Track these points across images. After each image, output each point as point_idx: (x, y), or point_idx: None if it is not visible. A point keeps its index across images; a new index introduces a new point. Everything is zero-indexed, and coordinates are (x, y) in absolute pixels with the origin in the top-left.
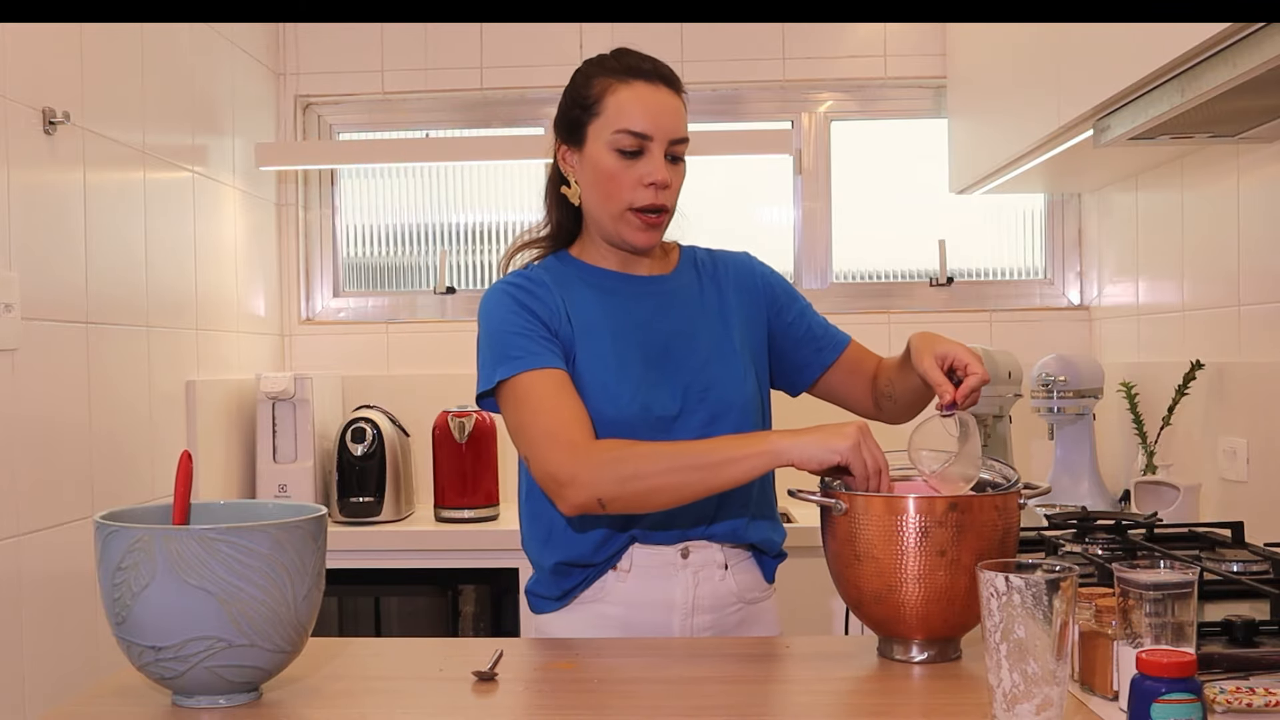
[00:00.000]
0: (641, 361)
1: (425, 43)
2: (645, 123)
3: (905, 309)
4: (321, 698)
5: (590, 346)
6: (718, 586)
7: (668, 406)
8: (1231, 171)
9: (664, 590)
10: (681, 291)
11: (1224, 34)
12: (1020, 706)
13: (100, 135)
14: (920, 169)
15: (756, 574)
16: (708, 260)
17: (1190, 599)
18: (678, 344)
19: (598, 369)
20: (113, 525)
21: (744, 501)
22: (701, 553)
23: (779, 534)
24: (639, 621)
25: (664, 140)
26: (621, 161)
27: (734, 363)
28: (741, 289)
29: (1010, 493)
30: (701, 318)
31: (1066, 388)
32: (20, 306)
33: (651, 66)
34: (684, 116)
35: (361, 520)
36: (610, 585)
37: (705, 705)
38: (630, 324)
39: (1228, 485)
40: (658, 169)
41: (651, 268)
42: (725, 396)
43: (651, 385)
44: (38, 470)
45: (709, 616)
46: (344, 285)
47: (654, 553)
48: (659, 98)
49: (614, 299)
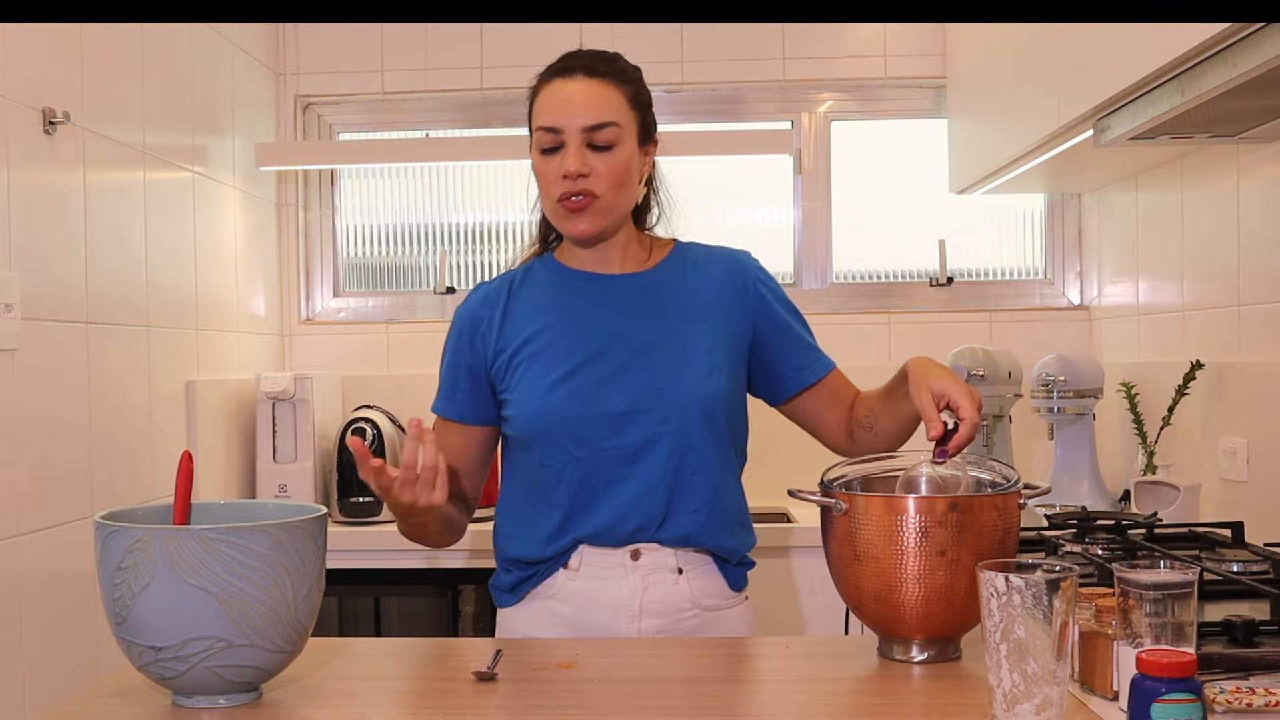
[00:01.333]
0: (594, 359)
1: (425, 43)
2: (553, 117)
3: (905, 309)
4: (321, 698)
5: (537, 349)
6: (670, 590)
7: (617, 403)
8: (1231, 171)
9: (611, 591)
10: (654, 288)
11: (1224, 34)
12: (1020, 706)
13: (100, 135)
14: (920, 169)
15: (718, 580)
16: (700, 257)
17: (1190, 599)
18: (637, 342)
19: (543, 370)
20: (113, 525)
21: (697, 505)
22: (652, 555)
23: (744, 540)
24: (587, 621)
25: (575, 130)
26: (544, 158)
27: (697, 362)
28: (730, 287)
29: (1010, 493)
30: (670, 315)
31: (1066, 388)
32: (20, 306)
33: (571, 62)
34: (608, 102)
35: (361, 520)
36: (560, 583)
37: (705, 705)
38: (587, 323)
39: (1228, 485)
40: (568, 159)
41: (625, 265)
42: (682, 395)
43: (602, 382)
44: (38, 470)
45: (659, 621)
46: (344, 285)
47: (604, 553)
48: (571, 89)
49: (574, 298)
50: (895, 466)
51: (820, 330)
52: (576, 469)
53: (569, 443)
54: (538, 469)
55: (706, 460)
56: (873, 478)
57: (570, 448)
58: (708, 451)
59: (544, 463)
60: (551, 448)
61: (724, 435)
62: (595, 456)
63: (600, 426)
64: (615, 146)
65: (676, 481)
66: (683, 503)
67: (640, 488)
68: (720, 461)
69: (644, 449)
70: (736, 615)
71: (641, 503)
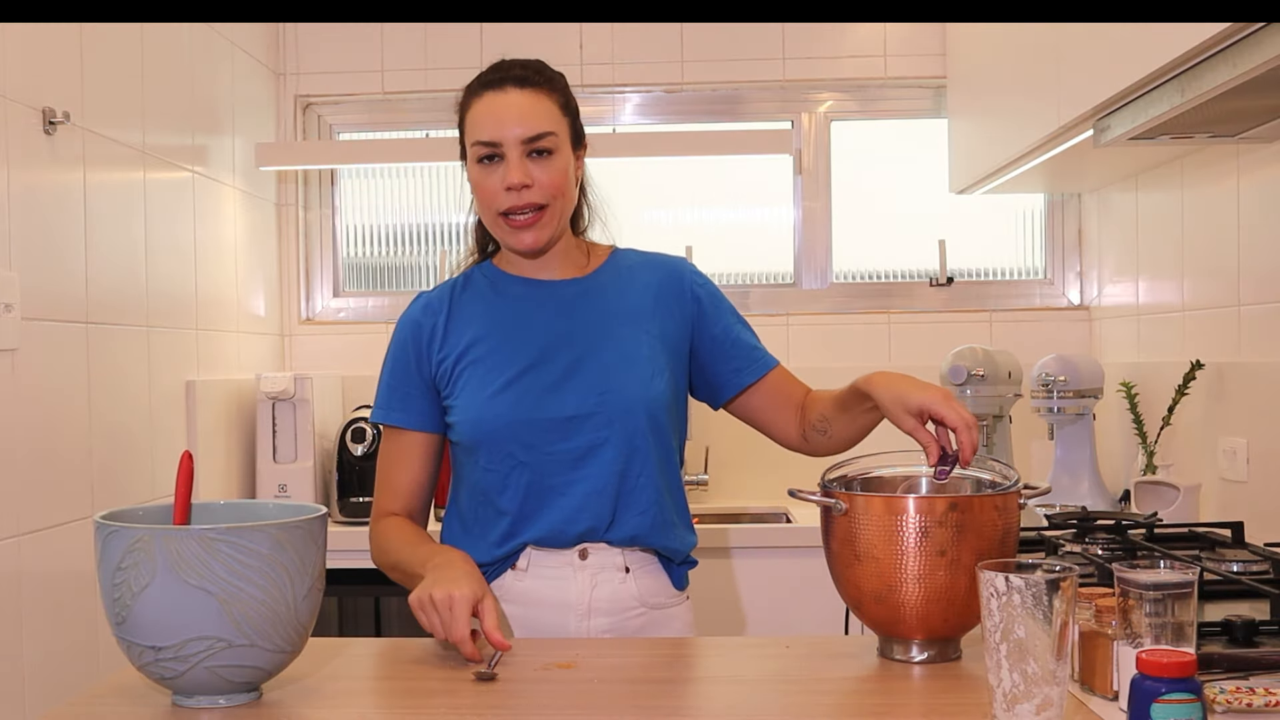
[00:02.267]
0: (537, 365)
1: (425, 43)
2: (490, 130)
3: (905, 309)
4: (321, 698)
5: (480, 355)
6: (618, 589)
7: (563, 408)
8: (1231, 171)
9: (560, 590)
10: (595, 293)
11: (1224, 34)
12: (1020, 706)
13: (100, 135)
14: (920, 169)
15: (663, 579)
16: (635, 264)
17: (1190, 599)
18: (580, 346)
19: (486, 376)
20: (113, 525)
21: (644, 507)
22: (600, 555)
23: (687, 542)
24: (536, 621)
25: (515, 142)
26: (483, 170)
27: (639, 366)
28: (665, 292)
29: (1010, 493)
30: (610, 320)
31: (1066, 388)
32: (20, 306)
33: (502, 74)
34: (543, 112)
35: (361, 520)
36: (509, 584)
37: (705, 705)
38: (529, 328)
39: (1228, 485)
40: (511, 172)
41: (564, 271)
42: (625, 399)
43: (547, 388)
44: (38, 470)
45: (607, 619)
46: (344, 285)
47: (552, 553)
48: (505, 102)
49: (516, 304)
50: (896, 465)
51: (820, 330)
52: (523, 473)
53: (515, 448)
54: (483, 474)
55: (650, 462)
56: (873, 478)
57: (516, 452)
58: (651, 453)
59: (489, 468)
60: (497, 453)
61: (667, 437)
62: (542, 461)
63: (546, 431)
64: (554, 154)
65: (623, 484)
66: (630, 505)
67: (587, 490)
68: (664, 463)
69: (590, 453)
70: (680, 614)
71: (589, 506)
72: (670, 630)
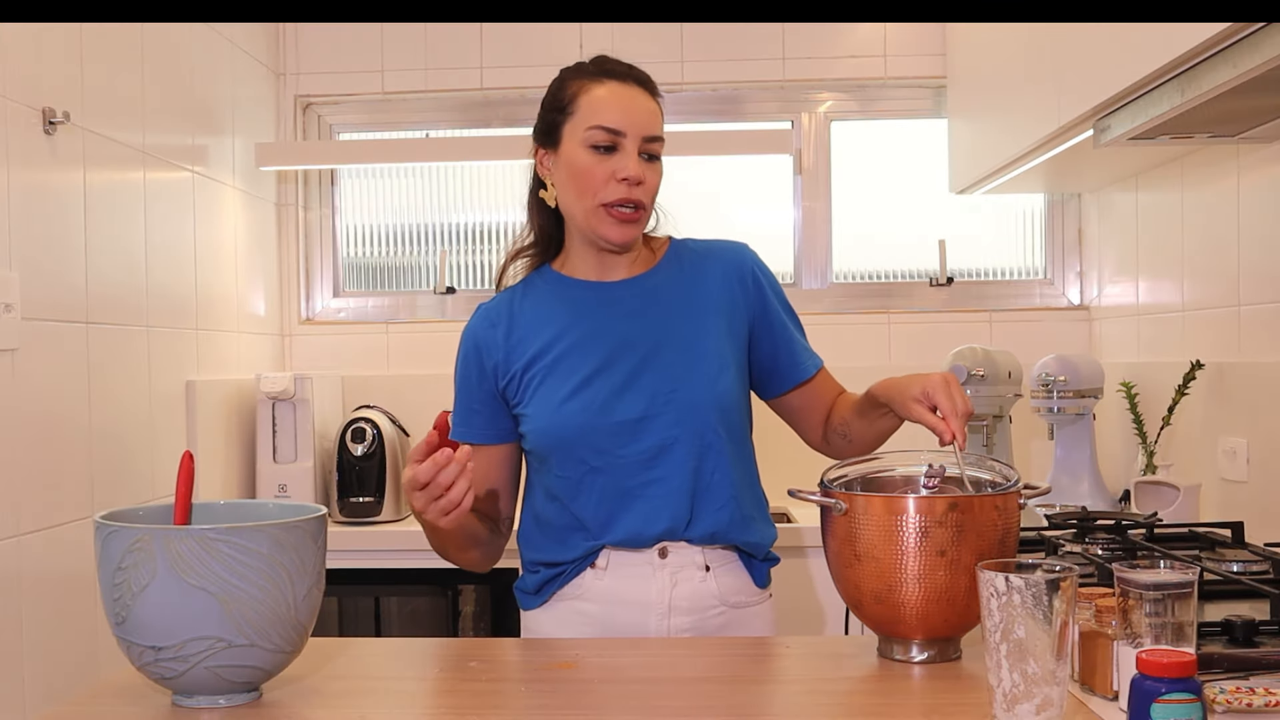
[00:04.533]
0: (605, 369)
1: (425, 43)
2: (618, 118)
3: (905, 309)
4: (321, 698)
5: (547, 364)
6: (698, 588)
7: (630, 410)
8: (1231, 171)
9: (640, 589)
10: (659, 290)
11: (1224, 34)
12: (1020, 706)
13: (100, 135)
14: (920, 169)
15: (744, 577)
16: (697, 253)
17: (1190, 599)
18: (645, 346)
19: (554, 384)
20: (113, 525)
21: (722, 503)
22: (680, 553)
23: (768, 536)
24: (616, 620)
25: (637, 136)
26: (595, 157)
27: (706, 362)
28: (729, 280)
29: (1010, 493)
30: (676, 316)
31: (1066, 388)
32: (20, 306)
33: (626, 69)
34: (659, 118)
35: (361, 520)
36: (588, 583)
37: (705, 705)
38: (594, 332)
39: (1228, 485)
40: (631, 164)
41: (630, 269)
42: (693, 397)
43: (615, 391)
44: (38, 470)
45: (688, 618)
46: (344, 285)
47: (631, 552)
48: (632, 95)
49: (579, 309)
50: (896, 465)
51: (820, 330)
52: (597, 479)
53: (587, 454)
54: (557, 481)
55: (724, 457)
56: (873, 478)
57: (589, 458)
58: (724, 449)
59: (563, 475)
60: (569, 460)
61: (738, 431)
62: (614, 465)
63: (616, 435)
64: (658, 161)
65: (698, 481)
66: (707, 501)
67: (664, 491)
68: (738, 457)
69: (662, 453)
70: (762, 613)
71: (667, 505)
72: (751, 630)
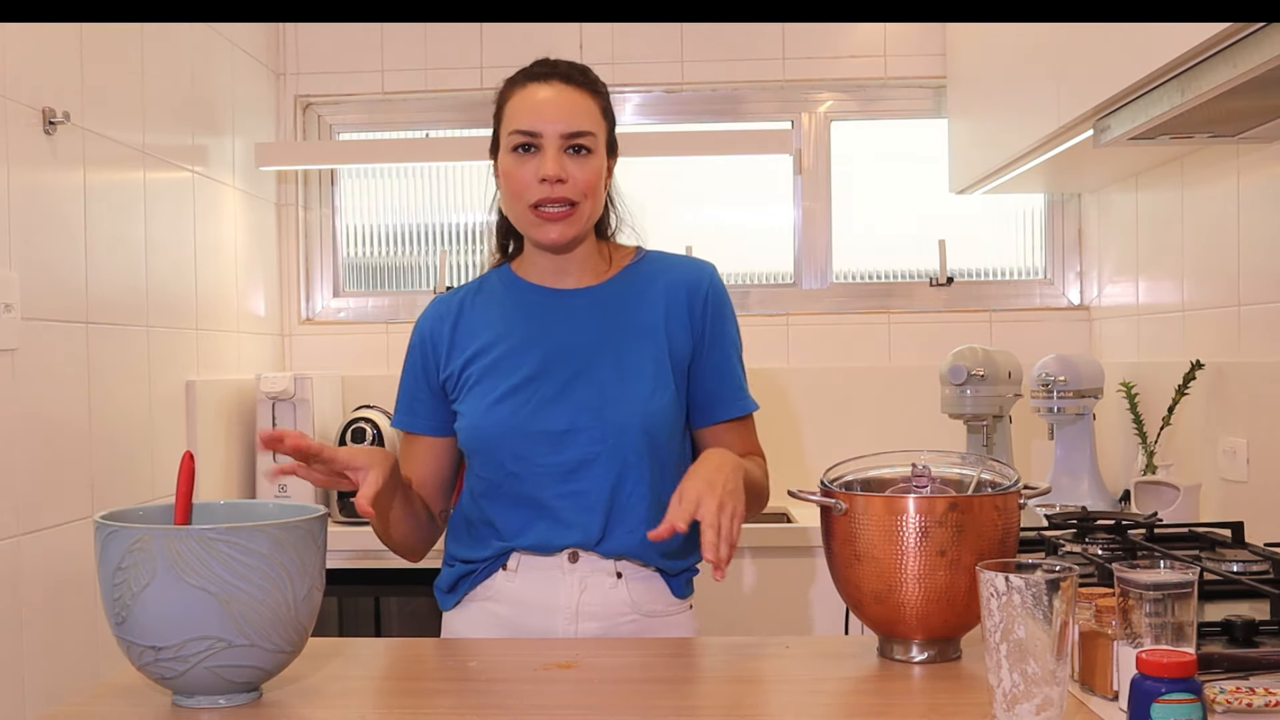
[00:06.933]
0: (539, 376)
1: (425, 43)
2: (531, 119)
3: (905, 309)
4: (321, 698)
5: (486, 363)
6: (608, 594)
7: (556, 422)
8: (1231, 171)
9: (548, 594)
10: (608, 303)
11: (1224, 34)
12: (1020, 706)
13: (100, 135)
14: (920, 169)
15: (660, 586)
16: (657, 268)
17: (1190, 599)
18: (582, 359)
19: (489, 384)
20: (113, 525)
21: (634, 525)
22: (591, 561)
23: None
24: (525, 623)
25: (555, 135)
26: (517, 160)
27: (641, 381)
28: (683, 299)
29: (1010, 493)
30: (618, 331)
31: (1066, 388)
32: (20, 306)
33: (549, 69)
34: (586, 113)
35: (362, 520)
36: (499, 584)
37: (705, 705)
38: (536, 338)
39: (1228, 485)
40: (549, 163)
41: (582, 278)
42: (620, 415)
43: (544, 401)
44: (38, 470)
45: (596, 624)
46: (344, 285)
47: (540, 556)
48: (549, 94)
49: (526, 312)
50: (896, 465)
51: (820, 330)
52: (514, 485)
53: (507, 459)
54: (479, 481)
55: (644, 480)
56: (873, 478)
57: (508, 463)
58: (645, 471)
59: (483, 475)
60: (490, 462)
61: (664, 454)
62: (533, 473)
63: (538, 444)
64: (591, 154)
65: (614, 500)
66: (620, 521)
67: (578, 506)
68: (659, 480)
69: (581, 467)
70: (680, 623)
71: (579, 521)
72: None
